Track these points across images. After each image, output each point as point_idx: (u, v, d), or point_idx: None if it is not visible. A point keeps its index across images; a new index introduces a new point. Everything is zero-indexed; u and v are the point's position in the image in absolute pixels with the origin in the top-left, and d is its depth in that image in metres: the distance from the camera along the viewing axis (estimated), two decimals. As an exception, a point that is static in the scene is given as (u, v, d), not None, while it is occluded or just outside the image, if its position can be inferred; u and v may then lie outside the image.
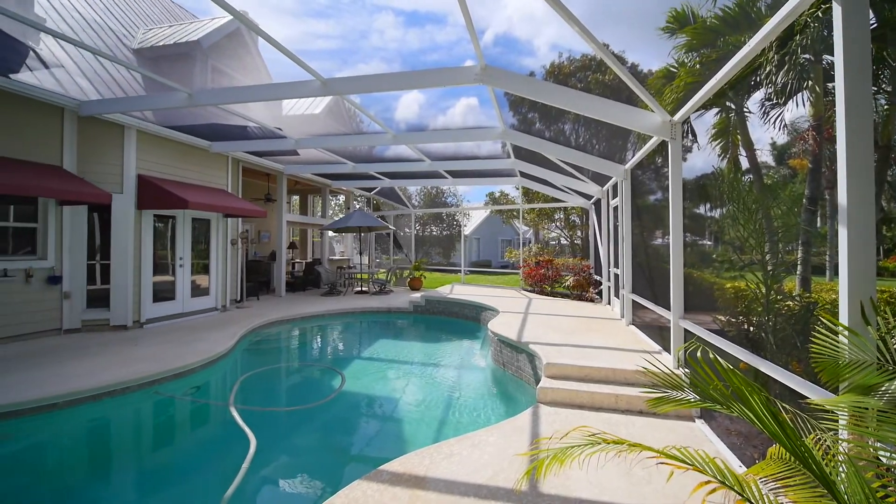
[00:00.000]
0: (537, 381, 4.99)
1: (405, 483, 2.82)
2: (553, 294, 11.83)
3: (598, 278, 11.01)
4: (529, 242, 25.53)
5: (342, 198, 24.40)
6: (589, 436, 1.63)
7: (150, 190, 7.70)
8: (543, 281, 12.22)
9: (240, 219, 10.59)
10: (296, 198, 17.85)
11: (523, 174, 11.53)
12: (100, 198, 6.70)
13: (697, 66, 4.24)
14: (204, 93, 6.31)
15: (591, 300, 10.40)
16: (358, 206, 18.61)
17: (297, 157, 11.29)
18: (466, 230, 29.30)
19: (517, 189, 16.54)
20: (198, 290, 9.17)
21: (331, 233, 16.56)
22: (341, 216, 17.16)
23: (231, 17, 10.76)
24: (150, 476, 3.72)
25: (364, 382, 5.89)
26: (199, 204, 7.78)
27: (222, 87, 6.24)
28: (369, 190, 16.62)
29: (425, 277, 15.09)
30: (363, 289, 13.98)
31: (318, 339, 8.90)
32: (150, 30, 10.95)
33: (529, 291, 12.54)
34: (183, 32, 10.24)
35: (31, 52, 6.91)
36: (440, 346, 8.28)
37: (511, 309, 8.82)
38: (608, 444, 1.62)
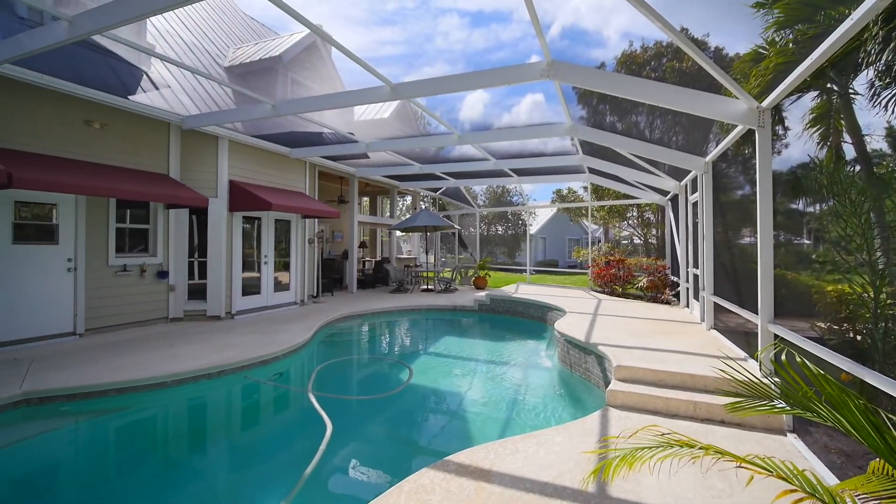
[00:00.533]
0: (606, 383, 4.83)
1: (471, 474, 2.88)
2: (624, 295, 11.29)
3: (674, 279, 10.35)
4: (599, 241, 24.55)
5: (409, 198, 25.12)
6: (660, 436, 1.58)
7: (239, 193, 8.49)
8: (614, 281, 11.71)
9: (316, 219, 11.30)
10: (366, 199, 18.68)
11: (592, 170, 11.13)
12: (199, 201, 7.50)
13: (790, 45, 3.85)
14: (285, 103, 6.84)
15: (667, 302, 9.79)
16: (424, 207, 19.05)
17: (368, 160, 11.82)
18: (532, 229, 28.80)
19: (585, 186, 15.97)
20: (279, 286, 9.94)
21: (398, 232, 17.11)
22: (408, 216, 17.67)
23: (308, 31, 11.53)
24: (239, 451, 4.13)
25: (430, 377, 6.05)
26: (281, 206, 8.44)
27: (301, 97, 6.72)
28: (435, 190, 16.96)
29: (490, 276, 15.10)
30: (429, 287, 14.30)
31: (387, 334, 9.26)
32: (239, 48, 12.03)
33: (598, 292, 12.08)
34: (266, 49, 11.14)
35: (145, 76, 7.91)
36: (505, 344, 8.26)
37: (579, 309, 8.57)
38: (682, 446, 1.56)
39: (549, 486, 2.75)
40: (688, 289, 8.65)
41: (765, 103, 4.04)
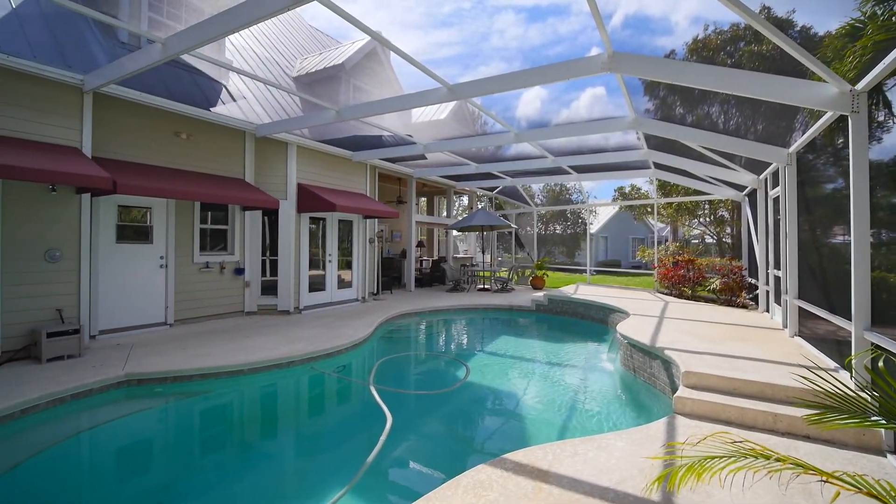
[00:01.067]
0: (673, 390, 4.58)
1: (528, 474, 2.87)
2: (694, 298, 10.60)
3: (752, 281, 9.55)
4: (666, 241, 23.18)
5: (466, 198, 25.23)
6: (731, 443, 1.49)
7: (306, 195, 9.00)
8: (683, 283, 11.02)
9: (376, 219, 11.70)
10: (423, 200, 19.02)
11: (658, 165, 10.56)
12: (272, 204, 8.04)
13: (895, 18, 3.42)
14: (348, 108, 7.15)
15: (744, 306, 9.06)
16: (481, 206, 19.05)
17: (425, 160, 12.04)
18: (592, 228, 27.81)
19: (651, 182, 15.16)
20: (342, 283, 10.41)
21: (455, 232, 17.25)
22: (465, 216, 17.75)
23: (368, 38, 11.96)
24: (305, 436, 4.39)
25: (487, 375, 6.06)
26: (345, 207, 8.84)
27: (362, 102, 7.00)
28: (491, 189, 16.90)
29: (548, 276, 14.80)
30: (485, 286, 14.29)
31: (444, 332, 9.38)
32: (305, 59, 12.73)
33: (665, 294, 11.43)
34: (330, 58, 11.69)
35: (224, 89, 8.61)
36: (563, 346, 8.07)
37: (643, 312, 8.17)
38: (757, 457, 1.46)
39: (609, 492, 2.67)
40: (767, 292, 7.95)
41: (860, 86, 3.63)
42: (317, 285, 9.70)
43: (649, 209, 22.10)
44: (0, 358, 5.28)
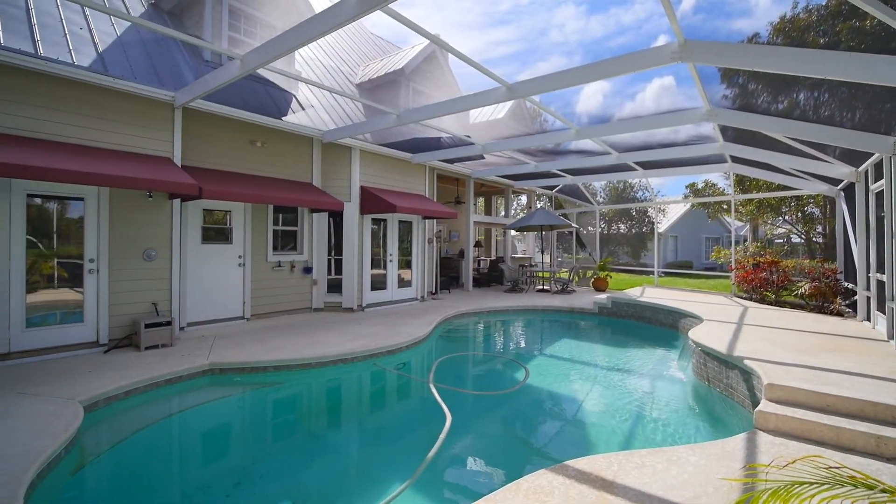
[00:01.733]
0: (754, 403, 4.21)
1: (591, 483, 2.78)
2: (779, 303, 9.67)
3: (848, 286, 8.54)
4: (745, 240, 21.36)
5: (524, 198, 24.85)
6: (826, 469, 1.34)
7: (368, 197, 9.34)
8: (764, 287, 10.11)
9: (435, 220, 11.87)
10: (481, 199, 19.00)
11: (736, 159, 9.77)
12: (337, 206, 8.43)
13: None
14: (408, 112, 7.32)
15: (839, 314, 8.13)
16: (540, 205, 18.68)
17: (483, 160, 12.03)
18: (660, 227, 26.29)
19: (727, 177, 14.04)
20: (402, 283, 10.68)
21: (513, 232, 17.06)
22: (523, 216, 17.50)
23: (427, 42, 12.15)
24: (367, 430, 4.55)
25: (546, 378, 5.94)
26: (405, 208, 9.06)
27: (422, 106, 7.13)
28: (551, 188, 16.52)
29: (611, 278, 14.20)
30: (544, 287, 13.99)
31: (502, 333, 9.31)
32: (367, 66, 13.19)
33: (744, 299, 10.54)
34: (390, 63, 12.02)
35: (294, 98, 9.16)
36: (628, 351, 7.70)
37: (719, 317, 7.59)
38: (857, 486, 1.30)
39: (681, 509, 2.52)
40: (868, 298, 7.07)
41: None
42: (378, 284, 10.03)
43: (725, 206, 20.48)
44: (108, 345, 6.00)
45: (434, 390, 5.15)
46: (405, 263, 10.85)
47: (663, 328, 9.05)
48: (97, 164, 5.36)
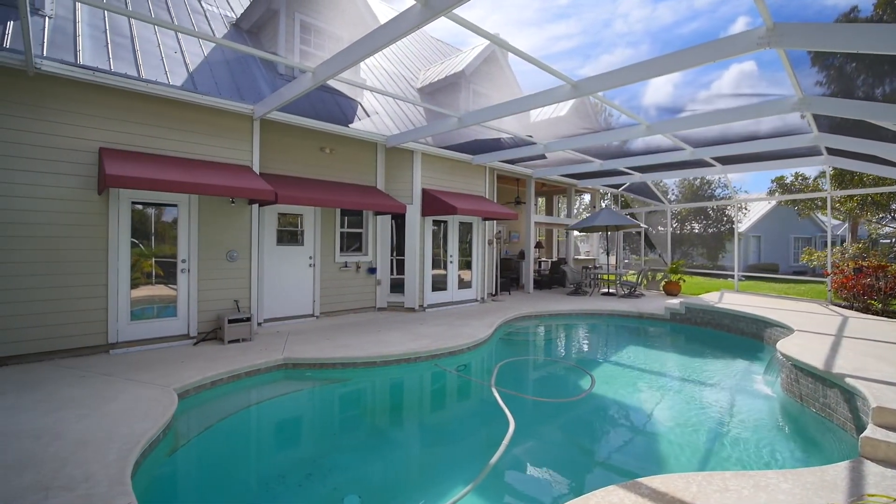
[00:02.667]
0: (859, 428, 3.75)
1: (666, 504, 2.61)
2: (886, 313, 8.53)
3: (982, 295, 7.33)
4: (843, 241, 19.07)
5: (587, 197, 23.98)
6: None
7: (429, 200, 9.48)
8: (868, 294, 8.96)
9: (495, 221, 11.80)
10: (542, 199, 18.59)
11: (833, 151, 8.74)
12: (400, 208, 8.65)
13: None
14: (470, 115, 7.34)
15: (968, 327, 7.00)
16: (604, 205, 17.93)
17: (545, 160, 11.77)
18: (741, 226, 24.21)
19: (822, 171, 12.59)
20: (462, 284, 10.72)
21: (576, 232, 16.52)
22: (586, 216, 16.89)
23: (486, 42, 12.10)
24: (429, 429, 4.61)
25: (614, 387, 5.67)
26: (465, 210, 9.09)
27: (483, 108, 7.10)
28: (617, 186, 15.79)
29: (684, 281, 13.31)
30: (610, 290, 13.41)
31: (566, 337, 9.04)
32: (428, 70, 13.39)
33: (844, 307, 9.41)
34: (450, 66, 12.11)
35: (359, 106, 9.51)
36: (705, 362, 7.15)
37: (813, 328, 6.84)
38: None
39: (772, 541, 2.29)
40: None
41: None
42: (439, 285, 10.15)
43: (819, 203, 18.41)
44: (197, 338, 6.59)
45: (496, 394, 5.11)
46: (465, 264, 10.89)
47: (745, 338, 8.31)
48: (191, 173, 5.91)
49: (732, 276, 13.22)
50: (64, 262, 5.60)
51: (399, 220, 9.72)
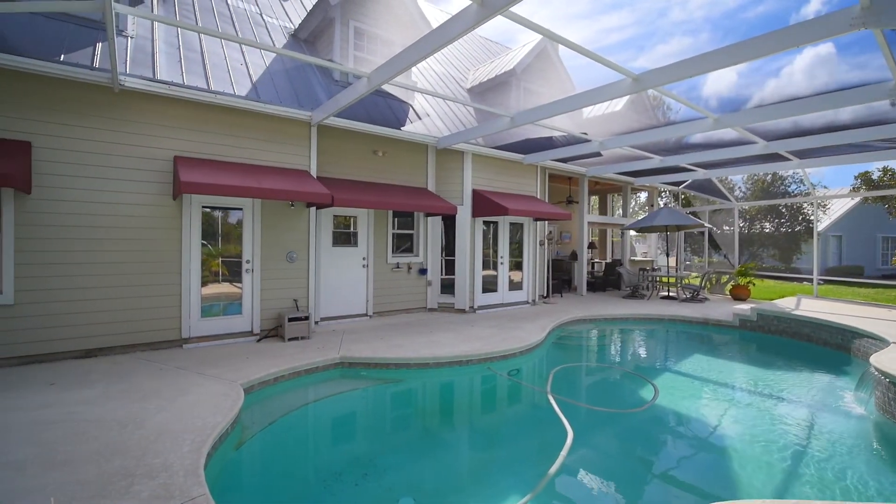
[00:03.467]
0: (981, 458, 3.26)
1: (749, 533, 2.38)
2: None
3: None
4: (945, 241, 16.88)
5: (643, 195, 22.89)
6: None
7: (480, 200, 9.41)
8: (983, 302, 7.83)
9: (546, 221, 11.52)
10: (594, 198, 17.95)
11: (938, 140, 7.73)
12: (451, 210, 8.64)
13: None
14: (522, 114, 7.19)
15: None
16: (663, 203, 17.02)
17: (599, 157, 11.33)
18: (820, 225, 22.12)
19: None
20: (513, 285, 10.56)
21: (632, 232, 15.81)
22: (643, 215, 16.11)
23: (538, 39, 11.83)
24: (483, 434, 4.54)
25: (679, 399, 5.33)
26: (516, 210, 8.94)
27: (538, 106, 6.92)
28: (677, 184, 14.94)
29: (753, 285, 12.35)
30: (669, 294, 12.70)
31: (625, 343, 8.65)
32: (477, 70, 13.31)
33: (949, 316, 8.31)
34: (500, 65, 11.96)
35: (411, 108, 9.61)
36: (782, 375, 6.57)
37: (912, 339, 6.09)
38: None
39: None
40: None
41: None
42: (489, 286, 10.05)
43: (915, 199, 16.43)
44: (260, 335, 6.92)
45: (553, 401, 4.95)
46: (516, 266, 10.71)
47: (828, 349, 7.55)
48: (255, 178, 6.22)
49: (810, 280, 12.09)
50: (145, 262, 6.08)
51: (449, 220, 9.73)
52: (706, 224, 13.21)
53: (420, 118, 9.42)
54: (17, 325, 5.29)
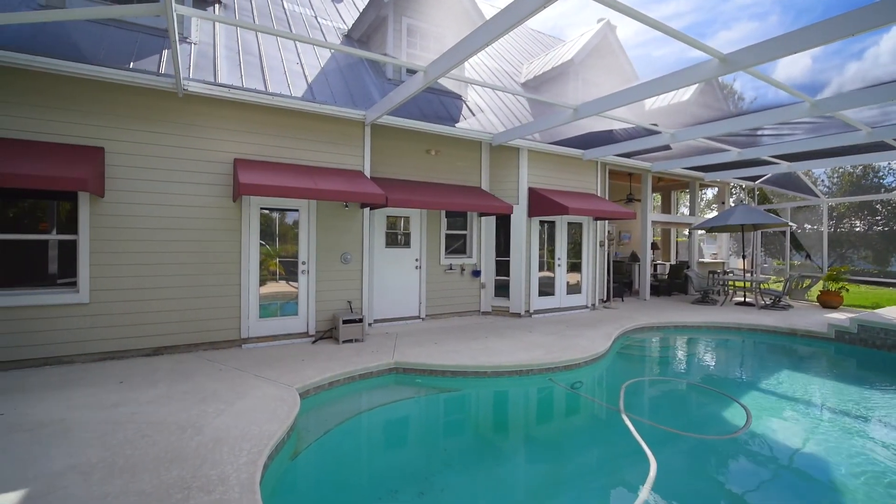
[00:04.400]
0: None
1: None
2: None
3: None
4: None
5: (709, 191, 21.22)
6: None
7: (537, 199, 8.93)
8: None
9: (606, 221, 10.82)
10: (656, 196, 16.82)
11: None
12: (506, 209, 8.23)
13: None
14: (589, 105, 6.66)
15: None
16: (733, 199, 15.61)
17: (667, 151, 10.47)
18: (921, 223, 19.45)
19: None
20: (571, 288, 9.97)
21: (699, 232, 14.64)
22: (713, 213, 14.84)
23: (597, 27, 11.14)
24: (551, 456, 4.12)
25: (776, 425, 4.64)
26: (577, 209, 8.38)
27: (608, 94, 6.37)
28: (753, 179, 13.61)
29: (847, 291, 10.94)
30: (746, 300, 11.54)
31: (701, 355, 7.84)
32: (531, 63, 12.80)
33: None
34: (557, 56, 11.39)
35: (464, 105, 9.31)
36: (898, 397, 5.62)
37: None
38: None
39: None
40: None
41: None
42: (546, 289, 9.55)
43: None
44: (315, 336, 6.89)
45: (629, 422, 4.44)
46: (574, 268, 10.11)
47: (956, 368, 6.42)
48: (311, 179, 6.17)
49: (920, 287, 10.53)
50: (207, 263, 6.19)
51: (502, 220, 9.32)
52: (791, 224, 11.90)
53: (474, 114, 9.09)
54: (92, 323, 5.52)
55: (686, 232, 17.15)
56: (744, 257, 11.74)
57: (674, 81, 5.36)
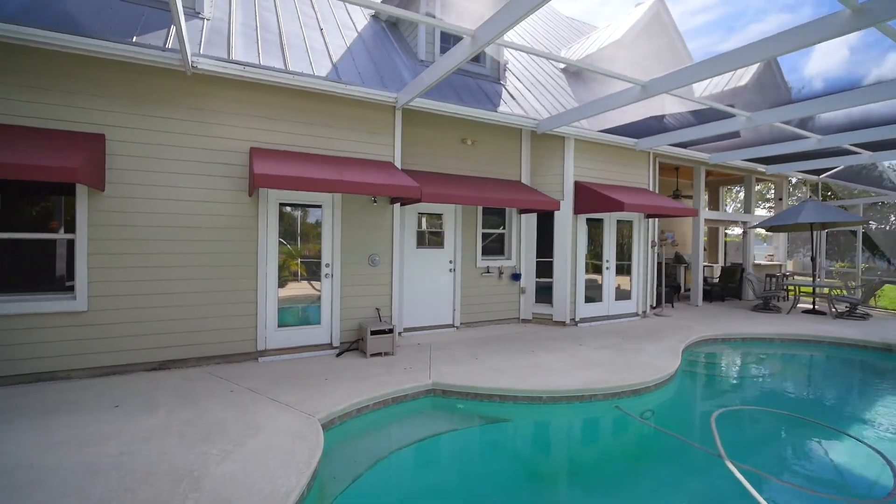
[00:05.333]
0: None
1: None
2: None
3: None
4: None
5: (760, 186, 19.67)
6: None
7: (585, 194, 7.94)
8: None
9: (657, 220, 9.74)
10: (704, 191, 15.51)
11: None
12: (552, 205, 7.24)
13: None
14: (658, 81, 5.66)
15: None
16: (795, 197, 14.22)
17: (731, 140, 9.32)
18: None
19: None
20: (619, 294, 8.95)
21: (756, 231, 13.35)
22: (762, 211, 13.51)
23: (647, 6, 10.05)
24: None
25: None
26: (634, 206, 7.37)
27: (683, 68, 5.37)
28: (817, 172, 12.24)
29: (937, 299, 9.58)
30: (815, 307, 10.28)
31: (794, 378, 6.57)
32: (570, 48, 11.78)
33: None
34: (603, 37, 10.36)
35: (503, 89, 8.37)
36: None
37: None
38: None
39: None
40: None
41: None
42: (593, 295, 8.55)
43: None
44: (339, 348, 6.11)
45: (740, 476, 3.46)
46: (623, 271, 9.08)
47: None
48: (336, 171, 5.37)
49: None
50: (220, 266, 5.47)
51: (543, 218, 8.36)
52: (872, 223, 10.56)
53: (514, 99, 8.15)
54: (90, 334, 4.85)
55: (733, 231, 15.80)
56: (812, 259, 10.46)
57: (790, 41, 4.30)
